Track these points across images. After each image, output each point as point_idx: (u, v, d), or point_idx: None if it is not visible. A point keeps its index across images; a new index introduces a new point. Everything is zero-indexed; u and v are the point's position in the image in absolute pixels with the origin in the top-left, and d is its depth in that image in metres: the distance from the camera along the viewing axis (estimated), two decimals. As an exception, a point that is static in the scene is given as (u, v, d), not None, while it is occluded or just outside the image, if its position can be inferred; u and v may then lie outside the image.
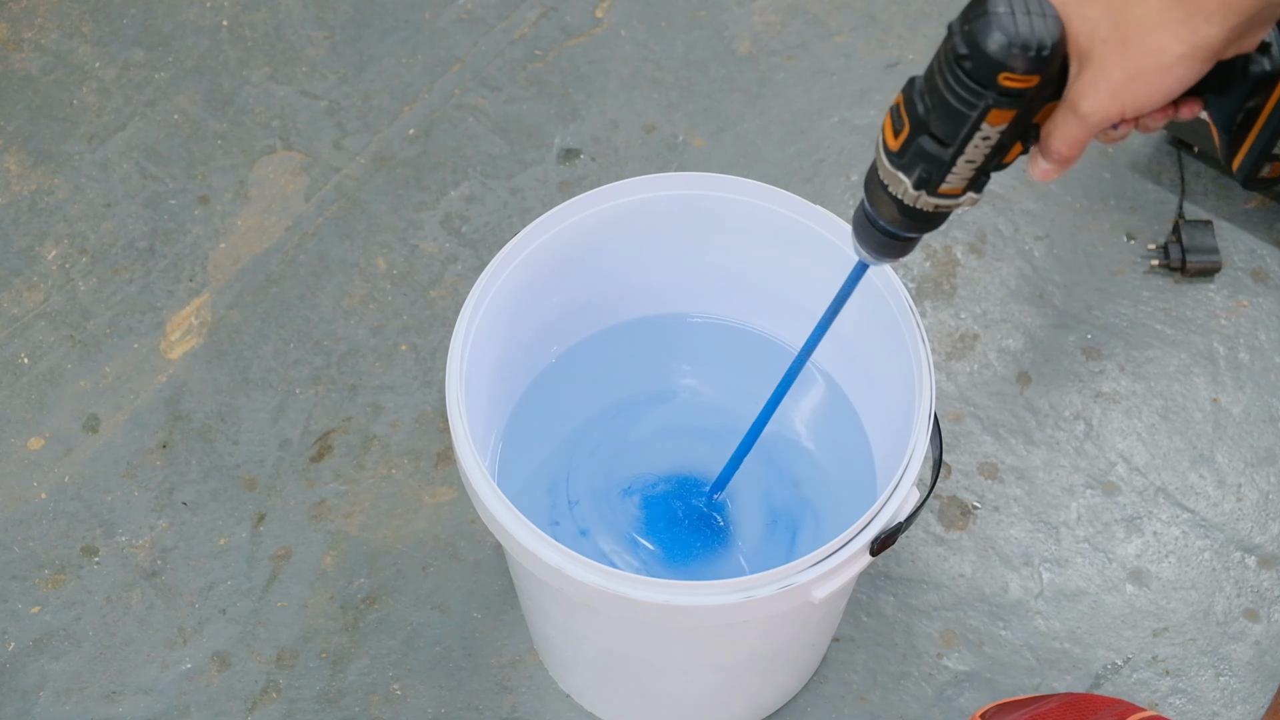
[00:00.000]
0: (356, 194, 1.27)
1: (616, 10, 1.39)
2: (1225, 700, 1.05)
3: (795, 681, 1.02)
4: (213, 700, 1.04)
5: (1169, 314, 1.21)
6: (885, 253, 0.71)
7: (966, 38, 0.60)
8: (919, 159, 0.64)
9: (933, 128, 0.63)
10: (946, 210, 0.67)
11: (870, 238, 0.70)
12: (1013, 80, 0.59)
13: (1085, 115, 0.61)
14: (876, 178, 0.67)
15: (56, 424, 1.15)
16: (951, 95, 0.61)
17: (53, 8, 1.39)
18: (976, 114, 0.61)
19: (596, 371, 0.99)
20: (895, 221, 0.68)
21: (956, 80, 0.60)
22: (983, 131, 0.62)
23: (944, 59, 0.61)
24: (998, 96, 0.60)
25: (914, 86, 0.63)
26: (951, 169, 0.64)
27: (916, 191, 0.65)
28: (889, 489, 0.78)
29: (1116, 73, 0.60)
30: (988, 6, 0.59)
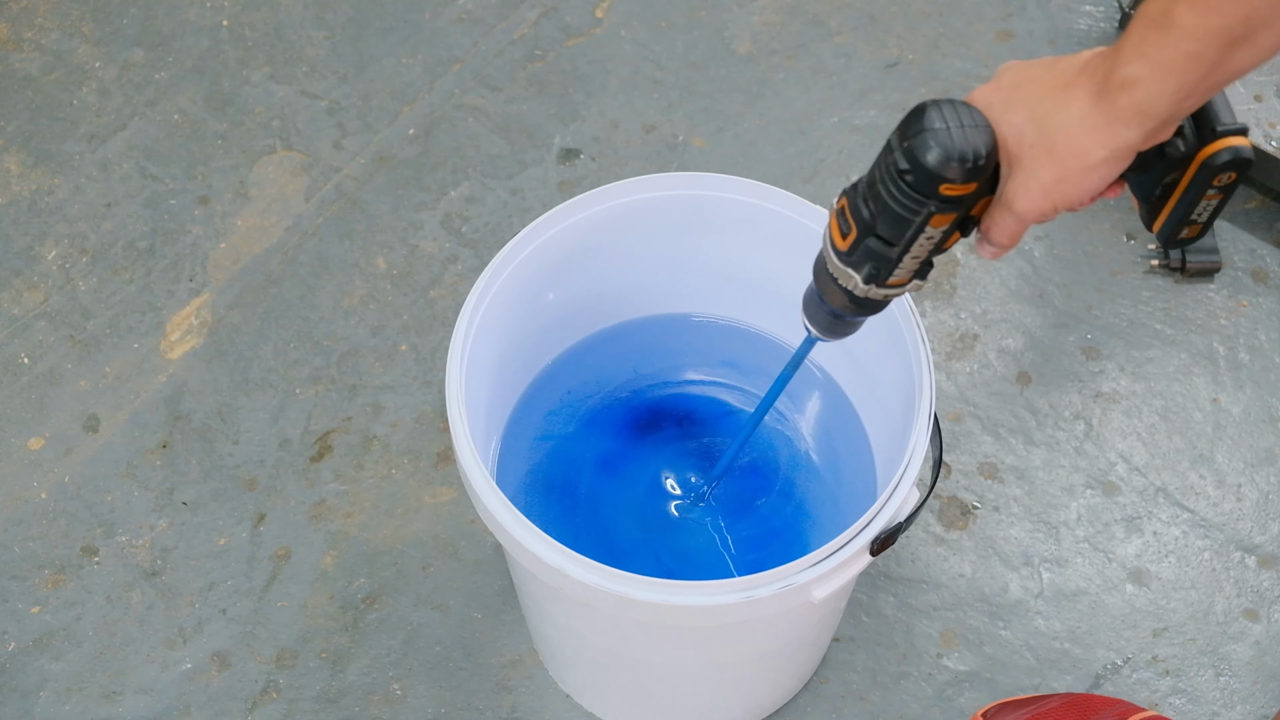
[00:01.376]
0: (356, 194, 1.27)
1: (616, 10, 1.39)
2: (1225, 700, 1.05)
3: (795, 681, 1.02)
4: (213, 700, 1.04)
5: (1169, 314, 1.21)
6: (835, 332, 0.76)
7: (907, 154, 0.63)
8: (867, 258, 0.68)
9: (879, 230, 0.67)
10: (895, 297, 0.72)
11: (820, 319, 0.75)
12: (952, 189, 0.64)
13: (1020, 214, 0.66)
14: (826, 270, 0.71)
15: (56, 424, 1.15)
16: (895, 204, 0.65)
17: (53, 8, 1.39)
18: (920, 219, 0.65)
19: (596, 371, 0.99)
20: (846, 308, 0.73)
21: (900, 191, 0.64)
22: (926, 233, 0.66)
23: (885, 171, 0.64)
24: (939, 204, 0.64)
25: (856, 192, 0.67)
26: (899, 265, 0.68)
27: (867, 285, 0.69)
28: (889, 489, 0.78)
29: (1045, 175, 0.64)
30: (924, 123, 0.63)
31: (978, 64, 1.35)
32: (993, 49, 1.36)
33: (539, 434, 0.97)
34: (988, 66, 1.35)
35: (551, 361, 0.99)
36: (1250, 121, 1.22)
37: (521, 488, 0.94)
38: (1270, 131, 1.22)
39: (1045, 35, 1.37)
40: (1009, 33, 1.37)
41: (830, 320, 0.75)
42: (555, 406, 0.98)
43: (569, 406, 0.98)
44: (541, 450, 0.96)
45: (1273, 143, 1.21)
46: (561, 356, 0.99)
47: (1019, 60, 0.66)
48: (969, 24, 1.38)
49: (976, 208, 0.66)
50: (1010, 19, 1.38)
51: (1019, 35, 1.37)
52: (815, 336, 0.77)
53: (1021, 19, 1.38)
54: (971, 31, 1.38)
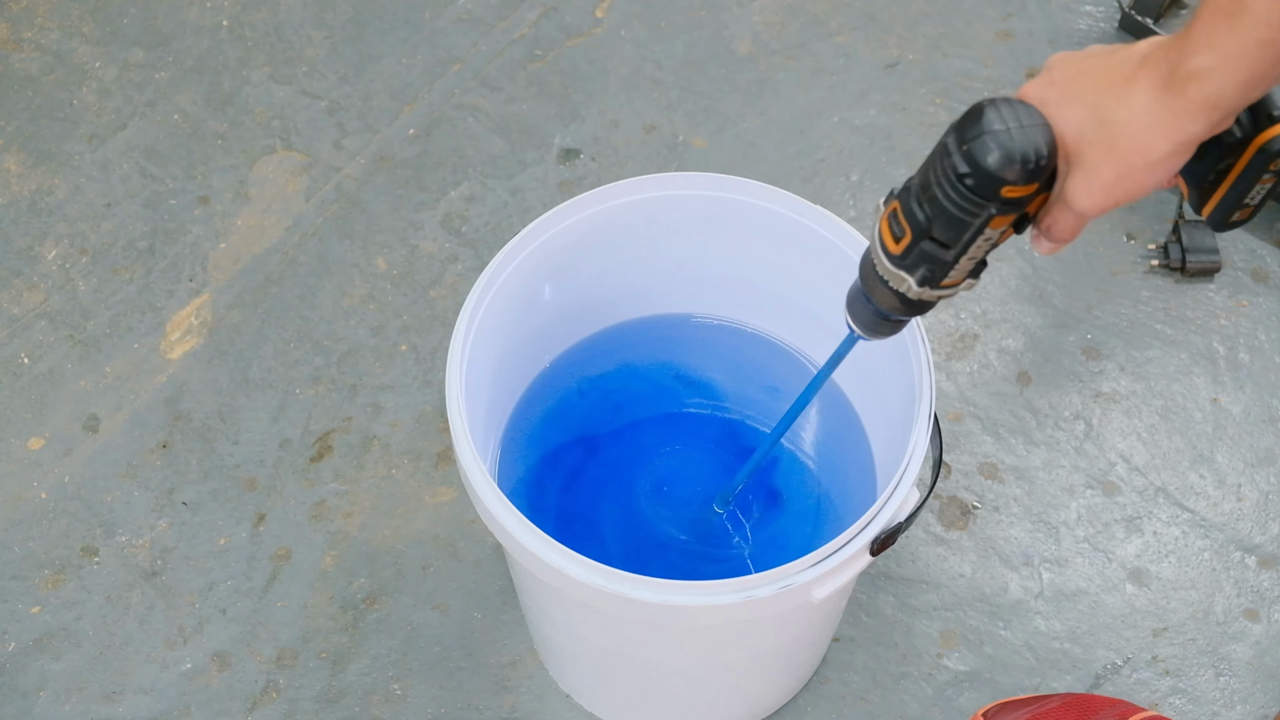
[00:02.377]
0: (356, 194, 1.27)
1: (616, 10, 1.39)
2: (1225, 700, 1.05)
3: (795, 681, 1.02)
4: (213, 700, 1.04)
5: (1169, 314, 1.21)
6: (880, 331, 0.75)
7: (967, 157, 0.62)
8: (922, 261, 0.67)
9: (934, 234, 0.65)
10: (948, 298, 0.70)
11: (866, 319, 0.74)
12: (1014, 191, 0.62)
13: (1081, 211, 0.64)
14: (875, 274, 0.70)
15: (56, 424, 1.15)
16: (954, 207, 0.63)
17: (53, 8, 1.39)
18: (980, 221, 0.64)
19: (596, 371, 0.99)
20: (897, 309, 0.71)
21: (959, 194, 0.63)
22: (985, 234, 0.65)
23: (943, 174, 0.63)
24: (1000, 206, 0.63)
25: (910, 195, 0.66)
26: (954, 266, 0.67)
27: (921, 288, 0.68)
28: (889, 489, 0.78)
29: (1107, 172, 0.62)
30: (984, 125, 0.62)
31: (978, 64, 1.35)
32: (993, 49, 1.36)
33: (539, 434, 0.97)
34: (988, 66, 1.35)
35: (551, 361, 0.99)
36: (1250, 121, 1.22)
37: (521, 488, 0.94)
38: (1270, 131, 1.22)
39: (1045, 35, 1.37)
40: (1009, 33, 1.37)
41: (876, 320, 0.73)
42: (555, 406, 0.98)
43: (569, 406, 0.98)
44: (541, 450, 0.96)
45: (1273, 143, 1.21)
46: (561, 356, 0.99)
47: (1068, 52, 0.65)
48: (969, 24, 1.38)
49: (1033, 205, 0.65)
50: (1010, 19, 1.38)
51: (1019, 35, 1.37)
52: (859, 336, 0.76)
53: (1021, 19, 1.38)
54: (971, 31, 1.38)
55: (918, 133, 1.31)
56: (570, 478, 0.95)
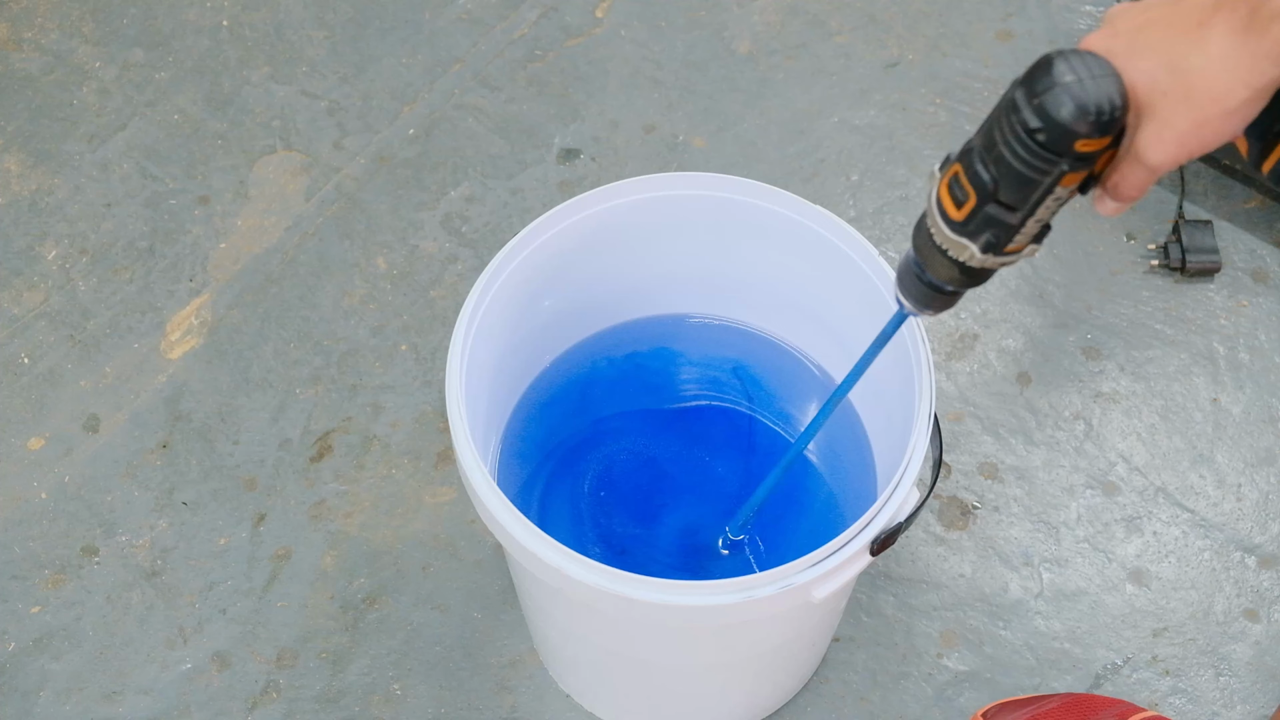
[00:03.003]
0: (356, 194, 1.27)
1: (616, 10, 1.39)
2: (1225, 700, 1.05)
3: (795, 681, 1.02)
4: (213, 700, 1.04)
5: (1169, 314, 1.21)
6: (934, 305, 0.72)
7: (1038, 111, 0.60)
8: (987, 226, 0.64)
9: (1001, 196, 0.63)
10: (1009, 265, 0.68)
11: (919, 293, 0.71)
12: (1088, 145, 0.60)
13: (1154, 165, 0.62)
14: (933, 244, 0.67)
15: (56, 424, 1.15)
16: (1023, 165, 0.61)
17: (53, 8, 1.39)
18: (1051, 179, 0.62)
19: (595, 371, 0.99)
20: (955, 281, 0.69)
21: (1029, 152, 0.61)
22: (1055, 194, 0.63)
23: (1011, 132, 0.61)
24: (1073, 161, 0.61)
25: (972, 157, 0.63)
26: (1020, 230, 0.65)
27: (984, 255, 0.66)
28: (889, 489, 0.78)
29: (1182, 122, 0.60)
30: (1055, 77, 0.59)
31: (978, 64, 1.35)
32: (993, 49, 1.36)
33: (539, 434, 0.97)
34: (988, 66, 1.35)
35: (551, 361, 0.99)
36: (1250, 121, 1.22)
37: (522, 488, 0.94)
38: (1270, 131, 1.22)
39: (1045, 35, 1.37)
40: (1009, 33, 1.37)
41: (930, 294, 0.70)
42: (555, 406, 0.98)
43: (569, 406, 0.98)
44: (541, 450, 0.96)
45: (1273, 143, 1.21)
46: (561, 357, 0.99)
47: (1127, 3, 0.63)
48: (969, 24, 1.38)
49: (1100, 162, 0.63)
50: (1010, 19, 1.38)
51: (1019, 35, 1.37)
52: (910, 312, 0.73)
53: (1021, 19, 1.38)
54: (971, 31, 1.38)
55: (918, 133, 1.31)
56: (570, 477, 0.95)
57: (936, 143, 1.30)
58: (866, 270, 0.87)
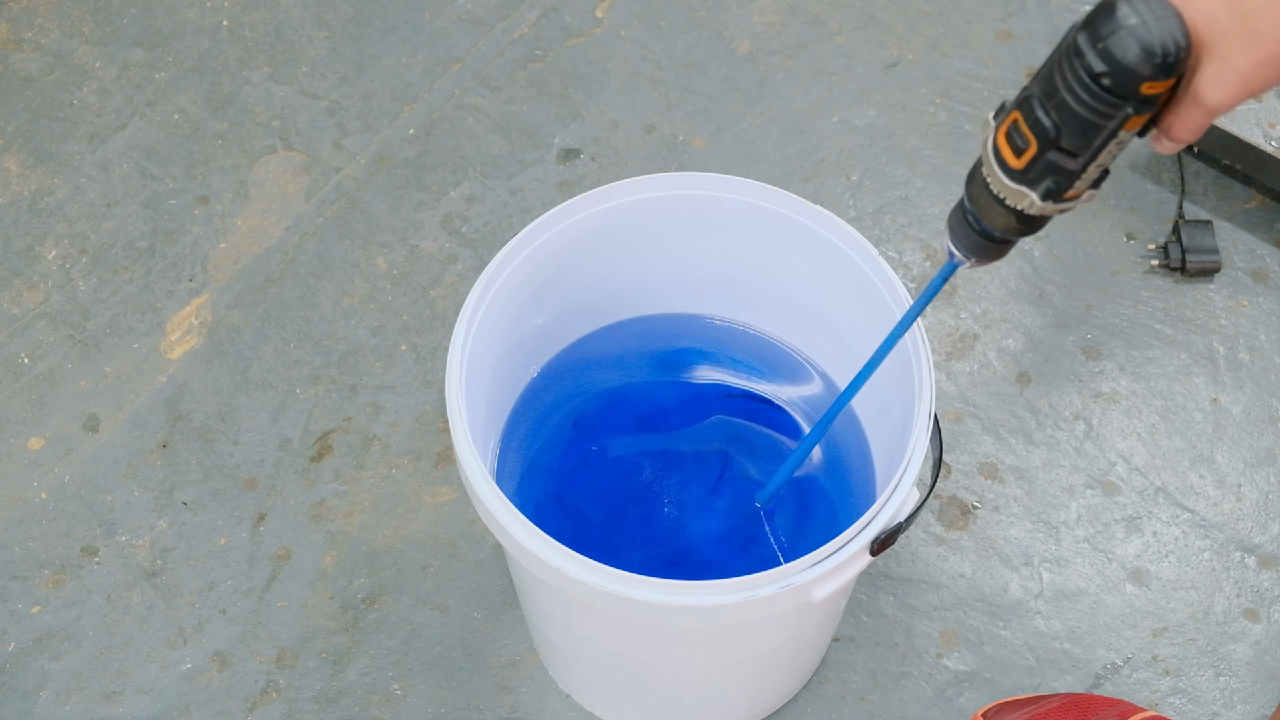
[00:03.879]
0: (356, 194, 1.27)
1: (616, 10, 1.39)
2: (1225, 700, 1.05)
3: (795, 681, 1.02)
4: (213, 700, 1.04)
5: (1169, 314, 1.21)
6: (988, 255, 0.71)
7: (1103, 54, 0.60)
8: (1048, 173, 0.64)
9: (1062, 142, 0.63)
10: (1068, 211, 0.68)
11: (974, 244, 0.71)
12: (1153, 87, 0.60)
13: (1213, 106, 0.62)
14: (989, 193, 0.67)
15: (56, 424, 1.15)
16: (1087, 110, 0.61)
17: (53, 8, 1.39)
18: (1115, 123, 0.61)
19: (595, 371, 0.99)
20: (1012, 230, 0.68)
21: (1093, 96, 0.61)
22: (1119, 138, 0.62)
23: (1074, 76, 0.61)
24: (1138, 104, 0.61)
25: (1032, 104, 0.63)
26: (1081, 176, 0.64)
27: (1044, 202, 0.65)
28: (889, 489, 0.78)
29: (1244, 61, 0.60)
30: (1119, 19, 0.59)
31: (978, 64, 1.35)
32: (993, 49, 1.36)
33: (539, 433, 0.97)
34: (988, 66, 1.35)
35: (552, 362, 0.99)
36: (1250, 122, 1.22)
37: (521, 488, 0.94)
38: (1270, 131, 1.22)
39: (1045, 35, 1.37)
40: (1009, 33, 1.37)
41: (984, 243, 0.70)
42: (555, 406, 0.98)
43: (569, 406, 0.98)
44: (541, 450, 0.96)
45: (1273, 143, 1.21)
46: (562, 357, 0.99)
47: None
48: (969, 24, 1.38)
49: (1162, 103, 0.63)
50: (1010, 19, 1.38)
51: (1019, 35, 1.37)
52: (960, 261, 0.72)
53: (1021, 19, 1.38)
54: (971, 31, 1.38)
55: (918, 133, 1.31)
56: (570, 477, 0.95)
57: (936, 143, 1.30)
58: (866, 270, 0.87)
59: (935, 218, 1.26)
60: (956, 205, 0.71)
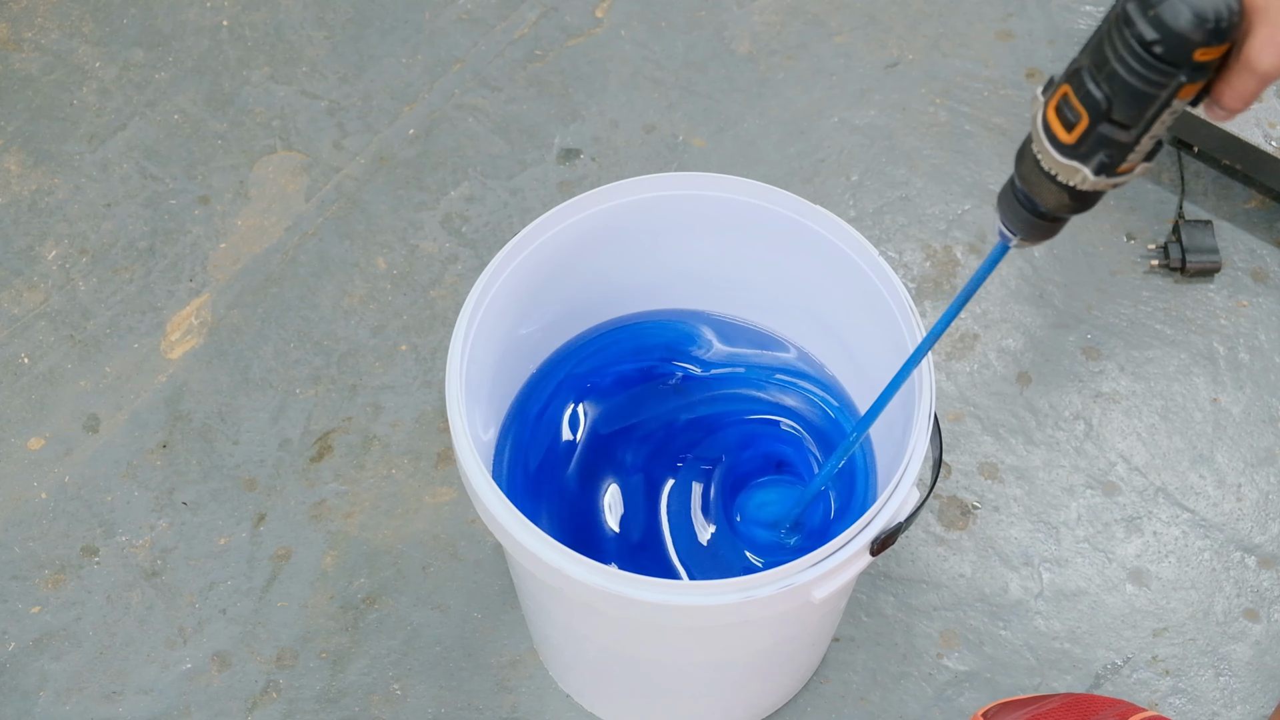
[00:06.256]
0: (356, 194, 1.27)
1: (616, 10, 1.39)
2: (1225, 700, 1.05)
3: (795, 681, 1.02)
4: (213, 700, 1.04)
5: (1169, 314, 1.21)
6: (1040, 234, 0.71)
7: (1154, 22, 0.58)
8: (1100, 146, 0.63)
9: (1114, 115, 0.62)
10: (1120, 185, 0.67)
11: (1026, 223, 0.70)
12: (1207, 54, 0.59)
13: (1265, 72, 0.61)
14: (1040, 170, 0.66)
15: (56, 424, 1.15)
16: (1139, 80, 0.60)
17: (53, 8, 1.39)
18: (1168, 92, 0.60)
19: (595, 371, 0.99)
20: (1064, 207, 0.67)
21: (1145, 65, 0.59)
22: (1172, 107, 0.62)
23: (1126, 46, 0.60)
24: (1191, 72, 0.60)
25: (1083, 76, 0.62)
26: (1134, 148, 0.63)
27: (1097, 177, 0.65)
28: (889, 489, 0.78)
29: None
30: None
31: (978, 64, 1.35)
32: (993, 49, 1.36)
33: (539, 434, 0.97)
34: (988, 66, 1.35)
35: (552, 361, 0.99)
36: (1250, 121, 1.22)
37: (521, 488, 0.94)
38: (1270, 131, 1.22)
39: (1045, 35, 1.37)
40: (1009, 33, 1.37)
41: (1036, 223, 0.69)
42: (555, 406, 0.98)
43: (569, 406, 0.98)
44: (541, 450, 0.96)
45: (1273, 143, 1.21)
46: (562, 357, 0.99)
47: None
48: (969, 24, 1.38)
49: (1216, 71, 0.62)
50: (1010, 19, 1.38)
51: (1019, 35, 1.37)
52: (1011, 241, 0.71)
53: (1021, 19, 1.38)
54: (971, 31, 1.38)
55: (918, 133, 1.31)
56: (570, 477, 0.95)
57: (936, 143, 1.30)
58: (866, 270, 0.87)
59: (935, 218, 1.26)
60: (1006, 184, 0.70)
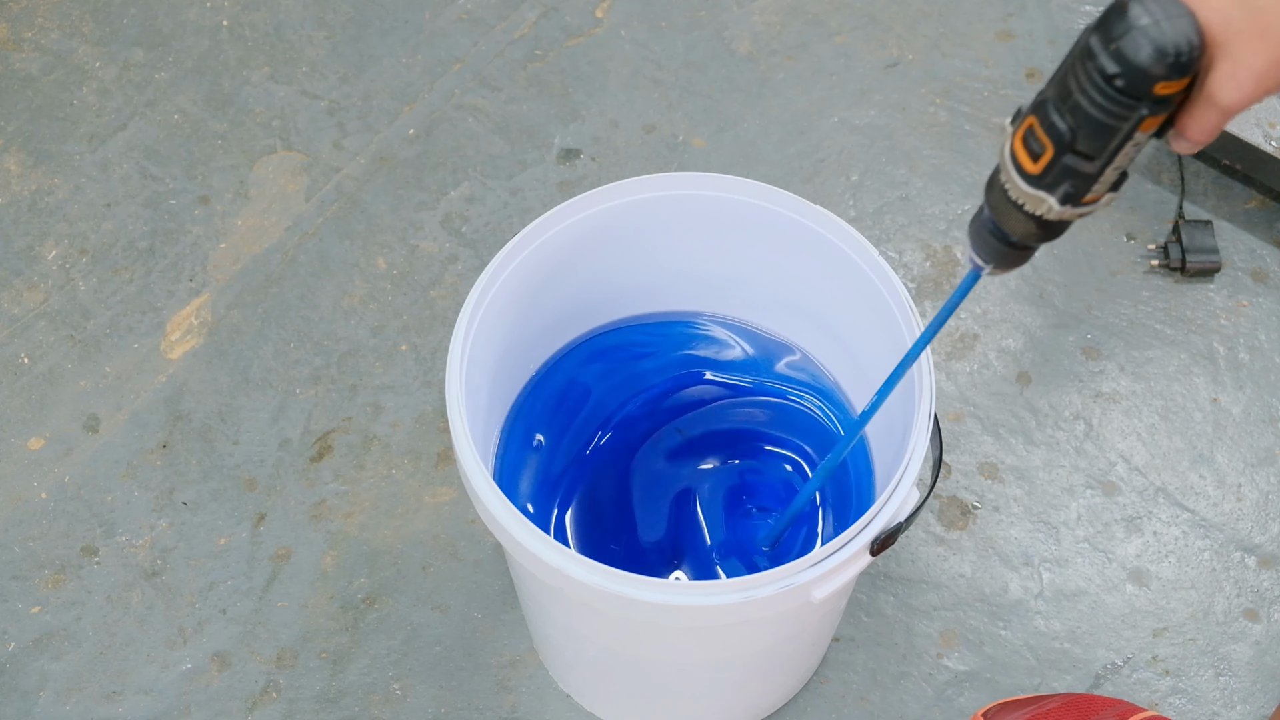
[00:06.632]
0: (356, 194, 1.27)
1: (616, 10, 1.39)
2: (1225, 700, 1.05)
3: (795, 681, 1.02)
4: (213, 700, 1.04)
5: (1169, 314, 1.21)
6: (1010, 262, 0.71)
7: (1115, 55, 0.59)
8: (1065, 177, 0.64)
9: (1079, 146, 0.63)
10: (1087, 215, 0.67)
11: (995, 251, 0.71)
12: (1167, 87, 0.60)
13: (1226, 106, 0.61)
14: (1008, 200, 0.67)
15: (56, 424, 1.15)
16: (1101, 113, 0.61)
17: (53, 8, 1.39)
18: (1130, 124, 0.61)
19: (595, 370, 0.99)
20: (1032, 236, 0.68)
21: (1107, 98, 0.60)
22: (1135, 139, 0.62)
23: (1088, 79, 0.60)
24: (1152, 105, 0.60)
25: (1048, 108, 0.63)
26: (1099, 179, 0.64)
27: (1063, 207, 0.65)
28: (889, 489, 0.78)
29: (1258, 60, 0.59)
30: (1130, 20, 0.59)
31: (978, 64, 1.35)
32: (993, 49, 1.36)
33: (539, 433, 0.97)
34: (988, 66, 1.35)
35: (552, 362, 0.99)
36: (1249, 121, 1.22)
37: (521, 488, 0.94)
38: (1270, 132, 1.22)
39: (1045, 35, 1.37)
40: (1009, 32, 1.37)
41: (1006, 251, 0.70)
42: (555, 406, 0.98)
43: (569, 406, 0.98)
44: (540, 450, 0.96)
45: (1273, 143, 1.21)
46: (562, 357, 0.99)
47: None
48: (969, 24, 1.38)
49: (1177, 103, 0.63)
50: (1010, 19, 1.38)
51: (1019, 35, 1.37)
52: (981, 269, 0.72)
53: (1021, 19, 1.38)
54: (971, 31, 1.38)
55: (918, 133, 1.31)
56: (570, 477, 0.95)
57: (936, 143, 1.30)
58: (866, 270, 0.87)
59: (935, 218, 1.26)
60: (976, 213, 0.71)
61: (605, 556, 0.91)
